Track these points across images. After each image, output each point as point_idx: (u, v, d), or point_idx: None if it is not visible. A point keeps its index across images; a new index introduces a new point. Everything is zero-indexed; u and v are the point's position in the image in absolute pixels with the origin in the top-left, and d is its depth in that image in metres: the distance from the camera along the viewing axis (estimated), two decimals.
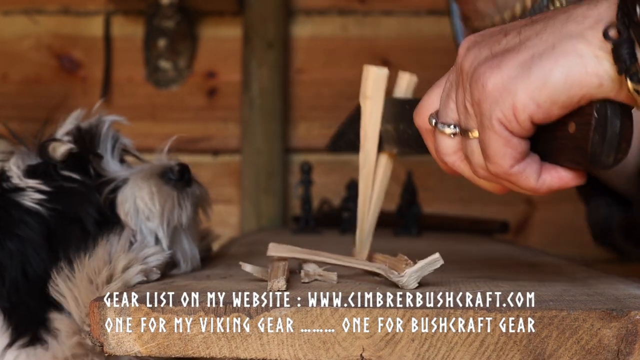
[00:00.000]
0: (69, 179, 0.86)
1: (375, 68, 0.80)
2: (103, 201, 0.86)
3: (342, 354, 0.60)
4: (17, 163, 0.87)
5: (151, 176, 0.88)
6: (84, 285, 0.75)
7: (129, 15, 2.18)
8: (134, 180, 0.88)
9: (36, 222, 0.83)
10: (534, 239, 2.13)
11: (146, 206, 0.86)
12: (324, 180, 2.05)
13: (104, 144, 0.91)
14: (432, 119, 0.69)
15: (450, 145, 0.68)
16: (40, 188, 0.85)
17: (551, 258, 1.07)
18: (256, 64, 2.11)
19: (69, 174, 0.87)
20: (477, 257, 1.07)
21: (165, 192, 0.87)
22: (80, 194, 0.86)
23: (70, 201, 0.85)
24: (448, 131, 0.67)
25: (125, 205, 0.86)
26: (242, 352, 0.61)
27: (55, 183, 0.86)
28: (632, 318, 0.58)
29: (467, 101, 0.64)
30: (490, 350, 0.59)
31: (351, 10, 2.19)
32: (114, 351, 0.62)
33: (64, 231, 0.83)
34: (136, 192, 0.87)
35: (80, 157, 0.89)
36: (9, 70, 2.18)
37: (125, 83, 2.18)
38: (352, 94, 2.39)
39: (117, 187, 0.87)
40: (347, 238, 1.56)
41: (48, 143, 0.89)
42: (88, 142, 0.90)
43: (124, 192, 0.87)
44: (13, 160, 0.88)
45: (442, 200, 2.12)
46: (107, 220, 0.86)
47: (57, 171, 0.87)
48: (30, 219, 0.83)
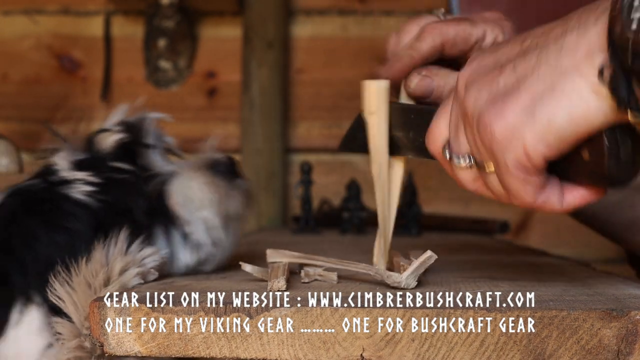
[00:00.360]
0: (118, 169, 0.86)
1: (375, 82, 0.80)
2: (151, 193, 0.86)
3: (342, 354, 0.60)
4: (64, 157, 0.87)
5: (200, 168, 0.88)
6: (82, 289, 0.75)
7: (129, 15, 2.18)
8: (183, 172, 0.88)
9: (85, 215, 0.82)
10: (534, 239, 2.13)
11: (198, 196, 0.86)
12: (324, 180, 2.05)
13: (149, 138, 0.91)
14: (445, 151, 0.70)
15: (469, 176, 0.70)
16: (88, 180, 0.84)
17: (551, 258, 1.07)
18: (256, 64, 2.12)
19: (118, 164, 0.86)
20: (477, 257, 1.07)
21: (216, 182, 0.87)
22: (130, 185, 0.86)
23: (119, 192, 0.85)
24: (464, 164, 0.68)
25: (176, 196, 0.86)
26: (242, 352, 0.61)
27: (103, 175, 0.85)
28: (632, 318, 0.58)
29: (478, 141, 0.65)
30: (490, 350, 0.59)
31: (351, 10, 2.19)
32: (114, 351, 0.62)
33: (113, 223, 0.83)
34: (187, 182, 0.87)
35: (128, 148, 0.88)
36: (9, 70, 2.18)
37: (125, 83, 2.18)
38: (352, 94, 2.39)
39: (165, 180, 0.87)
40: (347, 238, 1.56)
41: (96, 134, 0.89)
42: (135, 135, 0.90)
43: (174, 183, 0.87)
44: (60, 155, 0.88)
45: (442, 200, 2.12)
46: (155, 211, 0.85)
47: (106, 163, 0.86)
48: (79, 211, 0.82)
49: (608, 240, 1.12)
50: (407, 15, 2.18)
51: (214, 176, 0.88)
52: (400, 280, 0.70)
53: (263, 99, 2.11)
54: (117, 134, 0.88)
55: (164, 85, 2.18)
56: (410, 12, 2.18)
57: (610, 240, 1.13)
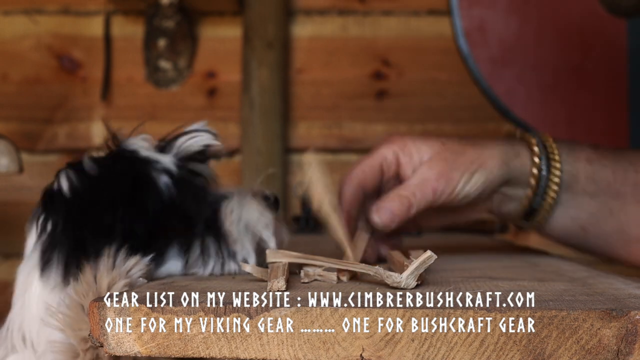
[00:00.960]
0: (194, 172, 0.88)
1: (311, 156, 0.92)
2: (211, 207, 0.88)
3: (342, 354, 0.60)
4: (144, 140, 0.88)
5: (253, 197, 0.91)
6: (75, 311, 0.76)
7: (129, 15, 2.18)
8: (238, 196, 0.90)
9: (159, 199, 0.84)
10: (534, 239, 2.13)
11: (259, 220, 0.89)
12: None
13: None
14: None
15: None
16: (168, 167, 0.86)
17: (551, 258, 1.07)
18: (256, 64, 2.12)
19: (196, 166, 0.88)
20: (477, 257, 1.07)
21: (267, 211, 0.91)
22: (200, 192, 0.88)
23: (188, 195, 0.87)
24: None
25: (232, 215, 0.88)
26: (242, 353, 0.61)
27: (182, 169, 0.87)
28: (632, 318, 0.58)
29: None
30: (490, 350, 0.59)
31: (351, 10, 2.19)
32: (113, 351, 0.62)
33: (175, 221, 0.85)
34: (243, 204, 0.89)
35: (203, 158, 0.90)
36: (9, 70, 2.18)
37: (125, 83, 2.18)
38: (352, 94, 2.40)
39: (221, 198, 0.89)
40: None
41: (178, 135, 0.89)
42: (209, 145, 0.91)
43: (230, 203, 0.89)
44: (139, 138, 0.89)
45: None
46: (211, 225, 0.87)
47: (185, 160, 0.88)
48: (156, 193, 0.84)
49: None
50: (407, 15, 2.18)
51: (265, 206, 0.91)
52: (400, 280, 0.70)
53: (263, 99, 2.11)
54: (204, 137, 0.89)
55: (164, 85, 2.18)
56: (411, 12, 2.18)
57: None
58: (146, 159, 0.86)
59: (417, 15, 2.18)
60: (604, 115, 2.11)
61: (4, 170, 1.80)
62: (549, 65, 2.11)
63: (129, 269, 0.80)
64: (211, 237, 0.87)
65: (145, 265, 0.82)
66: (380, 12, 2.18)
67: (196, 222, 0.86)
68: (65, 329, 0.76)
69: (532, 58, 2.12)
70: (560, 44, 2.10)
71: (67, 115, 2.16)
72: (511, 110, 2.11)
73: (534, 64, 2.12)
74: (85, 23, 2.19)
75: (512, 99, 2.12)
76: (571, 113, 2.11)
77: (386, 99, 2.17)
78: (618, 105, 2.11)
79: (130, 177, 0.85)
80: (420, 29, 2.18)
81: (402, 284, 0.70)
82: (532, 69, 2.12)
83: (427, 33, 2.17)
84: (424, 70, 2.16)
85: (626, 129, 2.11)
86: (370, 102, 2.17)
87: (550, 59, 2.11)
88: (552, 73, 2.11)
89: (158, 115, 2.17)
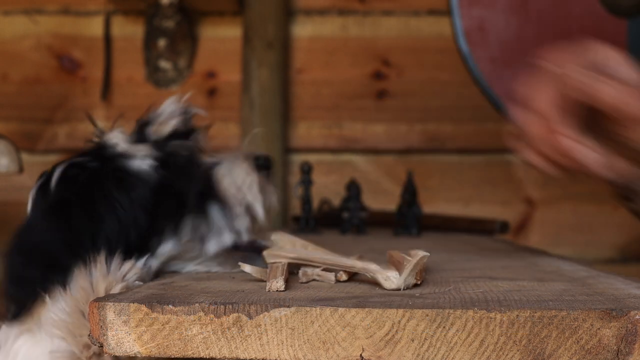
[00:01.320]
0: (175, 152, 0.91)
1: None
2: (202, 176, 0.91)
3: (342, 354, 0.60)
4: (120, 135, 0.91)
5: (244, 159, 0.94)
6: (76, 317, 0.77)
7: (129, 15, 2.18)
8: (229, 161, 0.93)
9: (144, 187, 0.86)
10: (534, 239, 2.13)
11: (245, 181, 0.92)
12: (324, 180, 2.06)
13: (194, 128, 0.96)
14: None
15: None
16: (149, 153, 0.88)
17: (551, 258, 1.07)
18: (256, 64, 2.12)
19: (176, 144, 0.91)
20: (477, 257, 1.07)
21: (257, 173, 0.93)
22: (186, 167, 0.90)
23: (176, 172, 0.89)
24: None
25: (225, 180, 0.91)
26: (242, 353, 0.61)
27: (164, 151, 0.90)
28: (632, 318, 0.58)
29: None
30: (490, 350, 0.59)
31: (351, 10, 2.19)
32: (113, 351, 0.62)
33: (167, 201, 0.87)
34: (234, 169, 0.92)
35: (182, 135, 0.93)
36: (9, 70, 2.18)
37: (125, 83, 2.18)
38: (352, 94, 2.40)
39: (213, 165, 0.92)
40: (347, 238, 1.56)
41: (149, 121, 0.92)
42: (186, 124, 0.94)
43: (222, 169, 0.92)
44: (114, 133, 0.91)
45: (442, 200, 2.12)
46: (207, 193, 0.90)
47: (164, 143, 0.91)
48: (139, 183, 0.86)
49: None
50: (407, 15, 2.18)
51: (254, 169, 0.94)
52: (400, 283, 0.70)
53: (263, 99, 2.11)
54: (173, 120, 0.92)
55: (164, 85, 2.18)
56: (411, 12, 2.18)
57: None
58: (124, 154, 0.88)
59: (417, 15, 2.18)
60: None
61: (4, 170, 1.80)
62: None
63: (125, 274, 0.81)
64: (214, 203, 0.90)
65: (140, 269, 0.82)
66: (380, 12, 2.18)
67: (186, 198, 0.88)
68: (67, 337, 0.77)
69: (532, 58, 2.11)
70: (560, 44, 2.10)
71: (67, 115, 2.16)
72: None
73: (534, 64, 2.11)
74: (85, 23, 2.19)
75: (512, 99, 2.12)
76: None
77: (386, 99, 2.17)
78: None
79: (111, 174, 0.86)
80: (420, 29, 2.18)
81: (401, 286, 0.70)
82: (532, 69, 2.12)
83: (427, 33, 2.17)
84: (424, 70, 2.15)
85: None
86: (370, 102, 2.17)
87: None
88: None
89: None
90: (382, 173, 2.16)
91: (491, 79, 2.12)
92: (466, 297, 0.64)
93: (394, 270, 0.71)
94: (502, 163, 2.14)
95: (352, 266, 0.75)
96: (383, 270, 0.72)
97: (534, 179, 2.15)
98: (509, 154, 2.15)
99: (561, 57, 0.88)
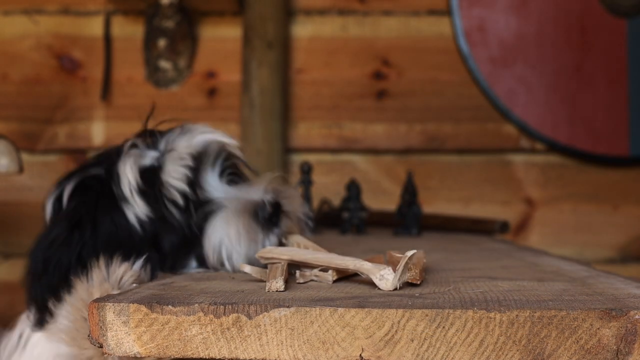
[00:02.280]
0: (173, 204, 0.93)
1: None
2: (196, 223, 0.93)
3: (342, 354, 0.60)
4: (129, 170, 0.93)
5: (243, 213, 0.93)
6: (79, 324, 0.77)
7: (129, 15, 2.18)
8: (226, 214, 0.93)
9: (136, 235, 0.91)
10: (534, 239, 2.13)
11: (231, 244, 0.92)
12: (324, 180, 2.05)
13: (213, 163, 0.99)
14: None
15: None
16: (144, 211, 0.92)
17: (551, 258, 1.07)
18: (256, 64, 2.11)
19: (174, 196, 0.93)
20: (477, 257, 1.07)
21: (253, 230, 0.93)
22: (174, 225, 0.93)
23: (163, 228, 0.92)
24: None
25: (212, 238, 0.92)
26: (242, 353, 0.61)
27: (157, 208, 0.93)
28: (632, 318, 0.58)
29: None
30: (489, 350, 0.59)
31: (351, 10, 2.19)
32: (113, 352, 0.62)
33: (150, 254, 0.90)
34: (225, 227, 0.92)
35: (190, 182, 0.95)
36: (9, 70, 2.18)
37: (125, 83, 2.18)
38: (352, 93, 2.40)
39: (210, 213, 0.93)
40: (347, 238, 1.56)
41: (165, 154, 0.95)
42: (198, 164, 0.96)
43: (214, 225, 0.93)
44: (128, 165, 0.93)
45: (442, 200, 2.12)
46: (190, 245, 0.93)
47: (163, 196, 0.93)
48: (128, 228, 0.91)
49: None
50: (407, 15, 2.18)
51: (254, 222, 0.93)
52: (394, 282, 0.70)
53: (263, 99, 2.11)
54: (183, 166, 0.94)
55: (164, 85, 2.18)
56: (411, 12, 2.18)
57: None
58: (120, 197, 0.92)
59: (417, 15, 2.18)
60: (604, 115, 2.11)
61: (4, 170, 1.80)
62: (549, 65, 2.11)
63: (120, 278, 0.81)
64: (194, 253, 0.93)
65: (135, 272, 0.83)
66: (380, 12, 2.18)
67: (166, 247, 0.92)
68: (70, 342, 0.77)
69: (532, 58, 2.11)
70: (560, 44, 2.10)
71: (67, 115, 2.16)
72: (511, 110, 2.11)
73: (534, 64, 2.12)
74: (85, 23, 2.19)
75: (512, 99, 2.12)
76: (571, 113, 2.11)
77: (386, 99, 2.17)
78: (618, 105, 2.11)
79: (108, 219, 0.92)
80: (420, 29, 2.17)
81: (396, 284, 0.70)
82: (532, 69, 2.12)
83: (427, 33, 2.17)
84: (424, 70, 2.15)
85: (626, 129, 2.11)
86: (370, 102, 2.17)
87: (550, 59, 2.11)
88: (552, 73, 2.11)
89: (158, 115, 2.16)
90: (382, 173, 2.16)
91: (491, 79, 2.12)
92: (466, 297, 0.64)
93: (387, 268, 0.71)
94: (502, 163, 2.14)
95: (346, 265, 0.75)
96: (376, 269, 0.71)
97: (534, 179, 2.15)
98: (509, 154, 2.16)
99: None
